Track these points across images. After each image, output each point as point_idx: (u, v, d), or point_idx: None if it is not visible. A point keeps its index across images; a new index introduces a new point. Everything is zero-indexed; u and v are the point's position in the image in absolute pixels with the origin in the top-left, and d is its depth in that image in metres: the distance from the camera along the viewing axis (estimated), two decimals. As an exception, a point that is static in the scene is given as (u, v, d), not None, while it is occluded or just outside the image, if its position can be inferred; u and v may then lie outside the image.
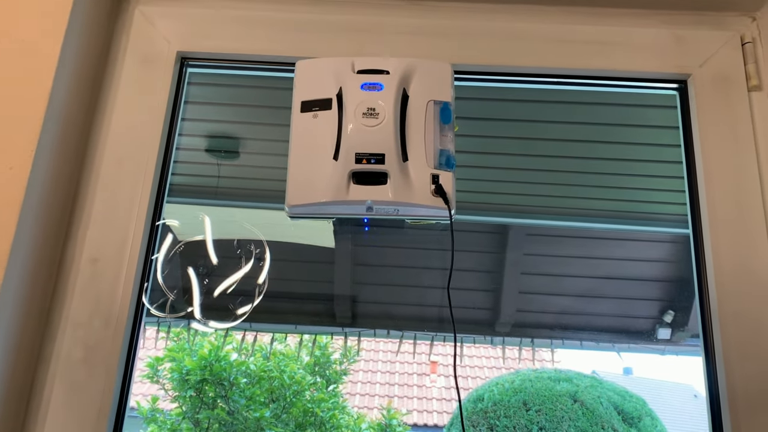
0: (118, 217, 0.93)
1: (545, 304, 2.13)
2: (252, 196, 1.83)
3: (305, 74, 0.99)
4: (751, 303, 0.90)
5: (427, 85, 0.96)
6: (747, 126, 0.98)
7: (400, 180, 0.90)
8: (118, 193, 0.94)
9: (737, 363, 0.88)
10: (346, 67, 0.96)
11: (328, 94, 0.96)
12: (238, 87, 1.53)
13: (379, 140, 0.91)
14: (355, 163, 0.91)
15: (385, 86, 0.94)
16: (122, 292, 0.90)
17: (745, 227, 0.93)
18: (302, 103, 0.97)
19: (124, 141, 0.97)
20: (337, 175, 0.91)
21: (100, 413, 0.85)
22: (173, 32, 1.03)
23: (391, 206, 0.92)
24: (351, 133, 0.92)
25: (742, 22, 1.04)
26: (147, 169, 0.96)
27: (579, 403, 2.38)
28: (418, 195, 0.91)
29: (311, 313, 2.12)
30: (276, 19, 1.04)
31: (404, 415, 2.60)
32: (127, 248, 0.92)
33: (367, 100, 0.93)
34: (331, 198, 0.90)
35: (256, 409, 2.26)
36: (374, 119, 0.92)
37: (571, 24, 1.04)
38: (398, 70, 0.95)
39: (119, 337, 0.88)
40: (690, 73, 1.02)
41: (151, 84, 1.00)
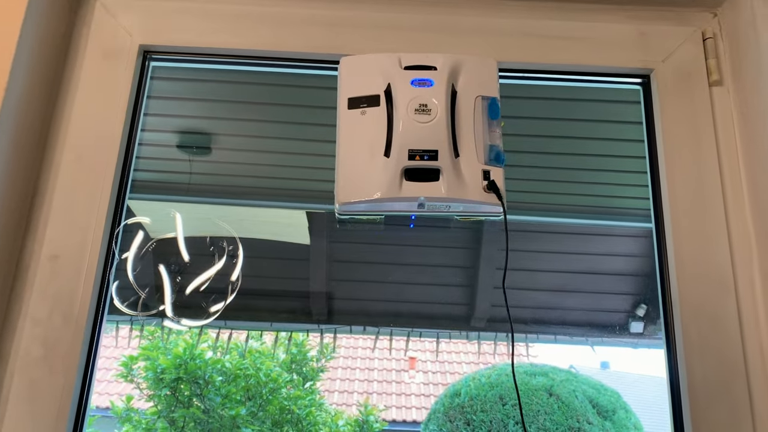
0: (78, 214, 0.92)
1: (520, 299, 2.14)
2: (225, 193, 1.81)
3: (350, 70, 0.97)
4: (711, 296, 0.91)
5: (474, 80, 0.95)
6: (708, 120, 0.99)
7: (452, 176, 0.90)
8: (78, 190, 0.93)
9: (697, 354, 0.89)
10: (393, 63, 0.95)
11: (375, 91, 0.94)
12: (210, 82, 1.52)
13: (433, 136, 0.90)
14: (408, 160, 0.90)
15: (436, 82, 0.93)
16: (83, 289, 0.88)
17: (706, 221, 0.95)
18: (349, 99, 0.95)
19: (85, 136, 0.95)
20: (390, 172, 0.89)
21: (59, 412, 0.84)
22: (136, 25, 1.01)
23: (444, 202, 0.91)
24: (403, 129, 0.91)
25: (703, 17, 1.05)
26: (108, 165, 0.94)
27: (554, 396, 2.40)
28: (471, 191, 0.90)
29: (287, 311, 2.12)
30: (241, 12, 1.03)
31: (381, 411, 2.60)
32: (88, 245, 0.90)
33: (419, 96, 0.92)
34: (384, 195, 0.89)
35: (231, 407, 2.24)
36: (427, 115, 0.91)
37: (536, 18, 1.05)
38: (446, 66, 0.95)
39: (79, 335, 0.87)
40: (653, 68, 1.03)
41: (112, 78, 0.98)
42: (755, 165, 0.93)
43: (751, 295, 0.91)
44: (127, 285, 1.60)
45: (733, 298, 0.91)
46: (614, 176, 1.64)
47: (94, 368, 0.90)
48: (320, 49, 1.03)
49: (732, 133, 0.99)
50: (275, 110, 1.59)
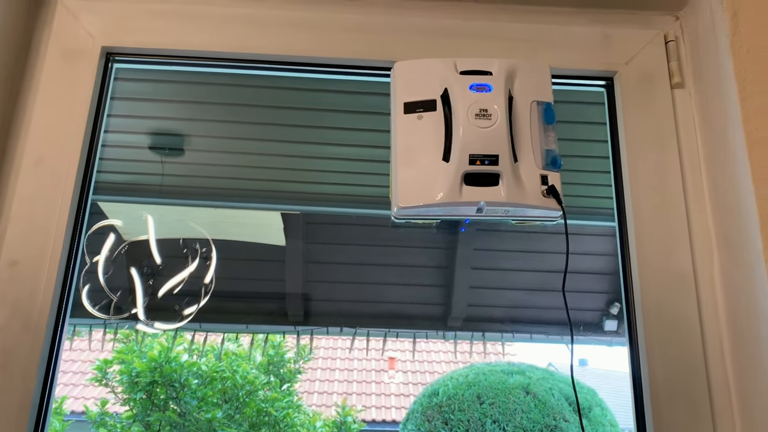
0: (38, 218, 0.90)
1: (496, 298, 2.16)
2: (198, 194, 1.80)
3: (405, 75, 0.98)
4: (672, 294, 0.93)
5: (528, 85, 0.96)
6: (670, 122, 1.00)
7: (512, 181, 0.90)
8: (38, 194, 0.91)
9: (658, 352, 0.90)
10: (449, 68, 0.96)
11: (431, 95, 0.95)
12: (182, 83, 1.50)
13: (493, 141, 0.91)
14: (469, 164, 0.90)
15: (494, 87, 0.94)
16: (42, 295, 0.87)
17: (667, 221, 0.96)
18: (405, 104, 0.95)
19: (45, 139, 0.94)
20: (450, 176, 0.90)
21: (18, 420, 0.83)
22: (98, 27, 1.00)
23: (503, 207, 0.92)
24: (464, 134, 0.91)
25: (665, 21, 1.06)
26: (69, 168, 0.93)
27: (531, 395, 2.42)
28: (530, 195, 0.91)
29: (263, 313, 2.11)
30: (206, 14, 1.03)
31: (359, 412, 2.61)
32: (48, 250, 0.89)
33: (479, 101, 0.92)
34: (445, 199, 0.90)
35: (208, 410, 2.23)
36: (488, 120, 0.92)
37: (502, 21, 1.05)
38: (501, 71, 0.95)
39: (39, 342, 0.85)
40: (616, 70, 1.04)
41: (73, 80, 0.97)
42: (716, 166, 0.95)
43: (711, 294, 0.93)
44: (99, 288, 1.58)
45: (693, 296, 0.92)
46: (582, 176, 1.66)
47: (55, 375, 0.88)
48: (287, 50, 1.03)
49: (693, 134, 1.00)
50: (248, 111, 1.58)
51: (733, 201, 0.89)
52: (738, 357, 0.88)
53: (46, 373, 0.87)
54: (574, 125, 1.49)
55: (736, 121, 0.88)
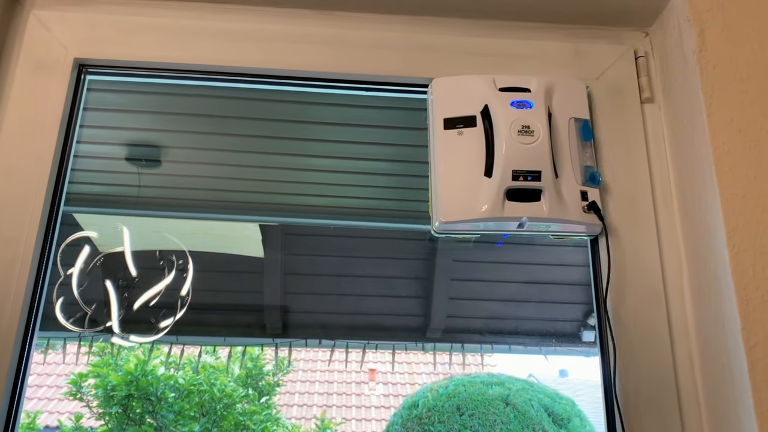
0: (8, 230, 0.89)
1: (474, 309, 2.16)
2: (174, 206, 1.79)
3: (444, 91, 0.99)
4: (642, 307, 0.94)
5: (566, 102, 0.99)
6: (640, 136, 1.02)
7: (554, 196, 0.92)
8: (8, 205, 0.90)
9: (628, 364, 0.91)
10: (488, 85, 0.97)
11: (471, 111, 0.96)
12: (158, 94, 1.50)
13: (536, 157, 0.92)
14: (512, 180, 0.91)
15: (534, 104, 0.96)
16: (11, 307, 0.86)
17: (637, 234, 0.97)
18: (445, 120, 0.97)
19: (16, 152, 0.93)
20: (493, 192, 0.91)
21: (-16, 436, 0.81)
22: (71, 38, 0.99)
23: (545, 222, 0.93)
24: (506, 150, 0.92)
25: (635, 37, 1.08)
26: (40, 179, 0.92)
27: (511, 406, 2.42)
28: (571, 211, 0.93)
29: (240, 325, 2.09)
30: (179, 26, 1.03)
31: (339, 425, 2.59)
32: (17, 262, 0.88)
33: (522, 117, 0.94)
34: (488, 214, 0.91)
35: (185, 424, 2.20)
36: (530, 137, 0.93)
37: (475, 36, 1.07)
38: (540, 88, 0.97)
39: (6, 356, 0.84)
40: (587, 85, 1.05)
41: (45, 92, 0.96)
42: (684, 179, 0.97)
43: (681, 306, 0.94)
44: (73, 301, 1.56)
45: (663, 308, 0.94)
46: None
47: (23, 390, 0.87)
48: (260, 63, 1.03)
49: (663, 148, 1.02)
50: (226, 123, 1.58)
51: (701, 214, 0.91)
52: (707, 368, 0.89)
53: (13, 389, 0.85)
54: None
55: (703, 136, 0.90)
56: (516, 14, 1.07)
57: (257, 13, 1.04)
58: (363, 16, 1.06)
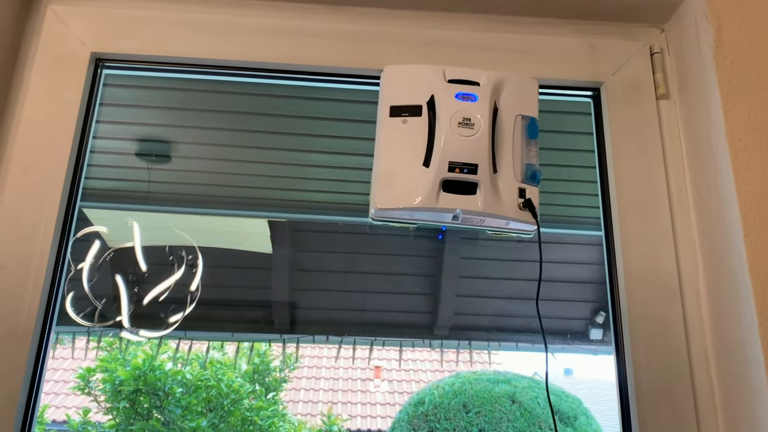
0: (25, 224, 0.89)
1: (482, 306, 2.16)
2: (184, 201, 1.79)
3: (393, 79, 0.99)
4: (658, 302, 0.94)
5: (515, 99, 0.97)
6: (655, 132, 1.02)
7: (489, 191, 0.91)
8: (25, 200, 0.90)
9: (644, 359, 0.91)
10: (437, 76, 0.97)
11: (418, 101, 0.96)
12: (169, 90, 1.50)
13: (474, 151, 0.92)
14: (448, 171, 0.91)
15: (479, 97, 0.95)
16: (29, 301, 0.86)
17: (653, 230, 0.97)
18: (391, 107, 0.96)
19: (33, 145, 0.93)
20: (429, 182, 0.91)
21: (3, 429, 0.81)
22: (87, 33, 1.00)
23: (479, 216, 0.92)
24: (445, 141, 0.92)
25: (651, 33, 1.08)
26: (57, 174, 0.92)
27: (517, 404, 2.43)
28: (506, 207, 0.92)
29: (249, 321, 2.09)
30: (195, 21, 1.03)
31: (345, 421, 2.60)
32: (35, 256, 0.88)
33: (463, 110, 0.93)
34: (421, 204, 0.90)
35: (192, 419, 2.21)
36: (470, 129, 0.92)
37: (489, 32, 1.06)
38: (489, 82, 0.96)
39: (24, 349, 0.84)
40: (603, 81, 1.05)
41: (62, 86, 0.96)
42: (700, 175, 0.97)
43: (696, 302, 0.94)
44: (83, 295, 1.57)
45: (679, 305, 0.94)
46: (568, 185, 1.67)
47: (40, 383, 0.87)
48: (276, 58, 1.03)
49: (678, 144, 1.02)
50: (236, 119, 1.58)
51: (718, 210, 0.91)
52: (722, 364, 0.89)
53: (31, 382, 0.86)
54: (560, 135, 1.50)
55: (720, 132, 0.90)
56: (528, 10, 1.07)
57: (273, 7, 1.04)
58: (382, 11, 1.06)
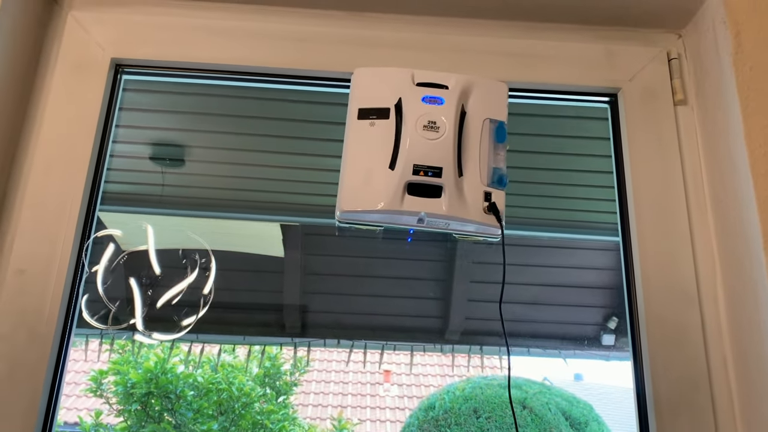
0: (46, 228, 0.90)
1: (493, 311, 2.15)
2: (197, 205, 1.80)
3: (363, 82, 0.99)
4: (676, 308, 0.93)
5: (483, 102, 0.97)
6: (673, 138, 1.02)
7: (454, 194, 0.91)
8: (46, 203, 0.92)
9: (662, 366, 0.91)
10: (405, 79, 0.96)
11: (386, 104, 0.96)
12: (183, 94, 1.51)
13: (439, 154, 0.92)
14: (413, 174, 0.91)
15: (446, 101, 0.95)
16: (50, 304, 0.87)
17: (671, 236, 0.97)
18: (359, 110, 0.96)
19: (54, 149, 0.94)
20: (393, 185, 0.90)
21: (24, 431, 0.82)
22: (108, 39, 1.01)
23: (444, 220, 0.92)
24: (410, 144, 0.92)
25: (668, 39, 1.08)
26: (78, 178, 0.93)
27: (528, 409, 2.42)
28: (471, 211, 0.92)
29: (260, 324, 2.10)
30: (214, 27, 1.04)
31: (355, 426, 2.59)
32: (56, 259, 0.89)
33: (429, 113, 0.93)
34: (385, 207, 0.90)
35: (203, 422, 2.22)
36: (435, 132, 0.92)
37: (507, 38, 1.07)
38: (457, 86, 0.96)
39: (46, 352, 0.85)
40: (620, 87, 1.05)
41: (83, 92, 0.97)
42: (718, 181, 0.96)
43: (714, 308, 0.94)
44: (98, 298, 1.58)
45: (697, 311, 0.93)
46: (583, 191, 1.67)
47: (60, 386, 0.88)
48: (292, 64, 1.04)
49: (696, 150, 1.02)
50: (249, 123, 1.59)
51: (736, 216, 0.91)
52: (741, 371, 0.89)
53: (52, 384, 0.86)
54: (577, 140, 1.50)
55: (739, 138, 0.90)
56: (545, 15, 1.07)
57: (293, 14, 1.05)
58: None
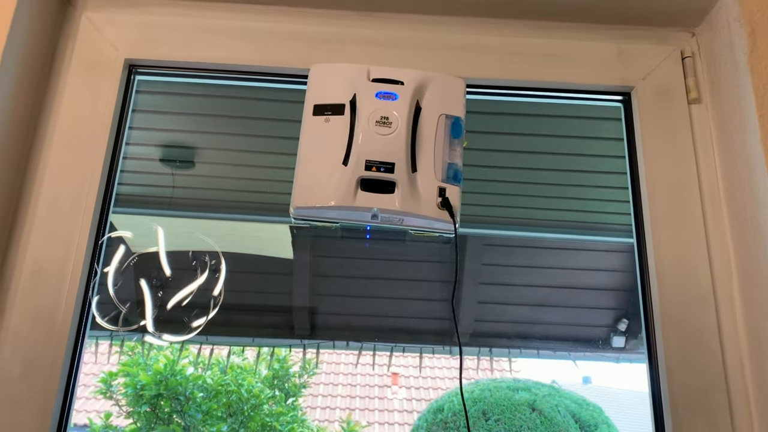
0: (60, 228, 0.91)
1: (503, 313, 2.15)
2: (207, 207, 1.80)
3: (319, 78, 0.98)
4: (692, 310, 0.93)
5: (439, 98, 0.97)
6: (687, 137, 1.01)
7: (407, 190, 0.90)
8: (61, 203, 0.92)
9: (678, 367, 0.90)
10: (361, 75, 0.96)
11: (341, 100, 0.95)
12: (193, 96, 1.51)
13: (390, 149, 0.91)
14: (365, 170, 0.90)
15: (400, 96, 0.94)
16: (65, 304, 0.87)
17: (686, 236, 0.96)
18: (315, 106, 0.96)
19: (68, 150, 0.94)
20: (346, 181, 0.90)
21: (39, 430, 0.82)
22: (121, 39, 1.01)
23: (397, 215, 0.91)
24: (362, 140, 0.91)
25: (682, 37, 1.07)
26: (92, 178, 0.93)
27: (537, 412, 2.41)
28: (425, 206, 0.91)
29: (269, 326, 2.10)
30: (227, 27, 1.04)
31: (364, 428, 2.59)
32: (70, 259, 0.89)
33: (381, 108, 0.93)
34: (338, 203, 0.90)
35: (213, 424, 2.22)
36: (387, 128, 0.92)
37: (520, 37, 1.06)
38: (413, 81, 0.96)
39: (61, 351, 0.85)
40: (633, 85, 1.05)
41: (97, 92, 0.98)
42: (733, 180, 0.95)
43: (730, 309, 0.93)
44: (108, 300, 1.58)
45: (713, 312, 0.92)
46: (595, 192, 1.66)
47: (75, 385, 0.88)
48: (304, 64, 1.04)
49: (711, 149, 1.01)
50: (259, 124, 1.59)
51: (752, 215, 0.90)
52: (758, 372, 0.88)
53: (66, 384, 0.86)
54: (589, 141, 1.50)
55: (755, 136, 0.89)
56: (557, 15, 1.07)
57: (305, 14, 1.05)
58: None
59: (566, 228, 1.85)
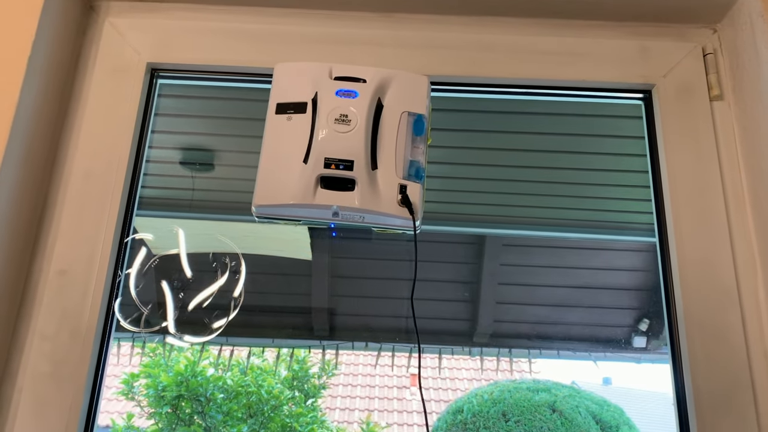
0: (86, 230, 0.92)
1: (522, 314, 2.14)
2: (227, 209, 1.82)
3: (283, 77, 0.99)
4: (716, 309, 0.91)
5: (402, 96, 0.97)
6: (709, 134, 1.00)
7: (367, 187, 0.90)
8: (86, 205, 0.93)
9: (702, 368, 0.89)
10: (323, 73, 0.97)
11: (303, 98, 0.96)
12: (213, 99, 1.53)
13: (350, 147, 0.91)
14: (324, 168, 0.90)
15: (360, 94, 0.95)
16: (91, 304, 0.89)
17: (709, 235, 0.95)
18: (277, 105, 0.97)
19: (93, 153, 0.96)
20: (305, 179, 0.90)
21: (67, 429, 0.84)
22: (143, 44, 1.03)
23: (357, 213, 0.92)
24: (322, 137, 0.92)
25: (703, 33, 1.06)
26: (116, 181, 0.95)
27: (558, 413, 2.39)
28: (385, 204, 0.91)
29: (289, 327, 2.11)
30: (247, 31, 1.05)
31: (383, 429, 2.59)
32: (96, 260, 0.91)
33: (341, 106, 0.93)
34: (297, 200, 0.90)
35: (233, 425, 2.23)
36: (346, 125, 0.92)
37: (539, 35, 1.06)
38: (375, 79, 0.96)
39: (87, 351, 0.87)
40: (654, 83, 1.04)
41: (120, 96, 0.99)
42: (757, 178, 0.94)
43: (755, 307, 0.92)
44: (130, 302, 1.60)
45: (737, 311, 0.91)
46: (616, 191, 1.65)
47: (101, 385, 0.90)
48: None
49: (733, 146, 1.00)
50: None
51: (778, 213, 0.89)
52: (785, 372, 0.87)
53: (93, 384, 0.88)
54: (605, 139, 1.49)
55: (780, 133, 0.88)
56: (576, 12, 1.06)
57: (327, 17, 1.06)
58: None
59: (586, 227, 1.83)
